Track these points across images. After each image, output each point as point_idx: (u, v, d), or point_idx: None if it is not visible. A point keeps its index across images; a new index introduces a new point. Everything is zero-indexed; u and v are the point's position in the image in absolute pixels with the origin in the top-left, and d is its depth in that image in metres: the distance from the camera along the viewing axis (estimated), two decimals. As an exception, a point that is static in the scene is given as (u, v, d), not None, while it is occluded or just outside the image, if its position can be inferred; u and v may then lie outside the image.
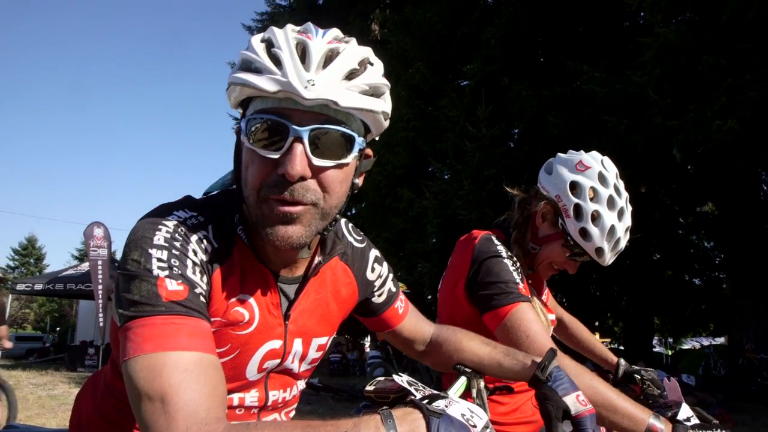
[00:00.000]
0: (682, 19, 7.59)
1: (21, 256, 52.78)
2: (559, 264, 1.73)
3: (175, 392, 0.78)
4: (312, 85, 0.87)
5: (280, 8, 20.36)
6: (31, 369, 15.48)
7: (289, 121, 0.90)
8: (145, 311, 0.85)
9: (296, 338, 1.12)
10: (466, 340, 1.34)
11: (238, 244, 1.03)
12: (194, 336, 0.85)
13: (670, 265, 13.45)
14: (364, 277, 1.28)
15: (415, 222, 11.96)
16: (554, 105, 9.40)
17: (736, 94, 6.50)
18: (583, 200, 1.61)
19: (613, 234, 1.60)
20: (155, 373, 0.80)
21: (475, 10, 11.68)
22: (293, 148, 0.89)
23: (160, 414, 0.77)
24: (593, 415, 1.07)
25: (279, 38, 0.93)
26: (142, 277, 0.87)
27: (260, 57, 0.92)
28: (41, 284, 17.75)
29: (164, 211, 0.99)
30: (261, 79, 0.89)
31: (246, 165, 0.96)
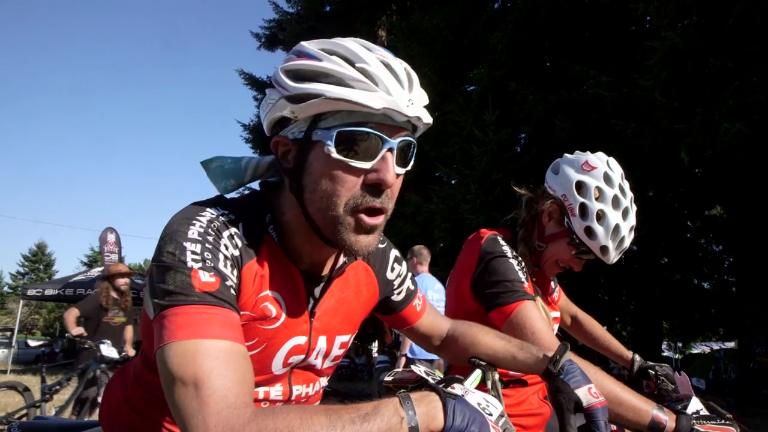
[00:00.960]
0: (689, 23, 7.61)
1: (31, 263, 53.08)
2: (565, 262, 1.77)
3: (207, 377, 0.82)
4: (411, 104, 0.96)
5: (287, 15, 20.44)
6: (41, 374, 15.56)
7: (383, 133, 0.96)
8: (179, 300, 0.89)
9: (321, 335, 1.16)
10: (481, 334, 1.38)
11: (268, 243, 1.07)
12: (225, 326, 0.89)
13: (679, 269, 13.40)
14: (385, 276, 1.33)
15: (423, 227, 11.98)
16: (561, 109, 9.42)
17: (743, 97, 6.50)
18: (589, 199, 1.66)
19: (617, 233, 1.65)
20: (188, 359, 0.84)
21: (482, 16, 11.73)
22: (386, 158, 0.96)
23: (193, 398, 0.81)
24: (605, 407, 1.10)
25: (358, 53, 0.97)
26: (177, 269, 0.91)
27: (347, 70, 0.95)
28: (52, 290, 17.88)
29: (198, 208, 1.03)
30: (367, 96, 0.93)
31: (326, 176, 0.98)
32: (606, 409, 1.10)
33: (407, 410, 0.82)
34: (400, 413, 0.82)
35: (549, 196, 1.76)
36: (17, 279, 51.75)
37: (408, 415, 0.82)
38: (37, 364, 22.83)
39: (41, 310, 50.37)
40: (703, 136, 6.87)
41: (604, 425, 1.06)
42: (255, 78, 20.56)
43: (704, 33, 7.11)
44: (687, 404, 1.51)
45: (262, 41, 21.20)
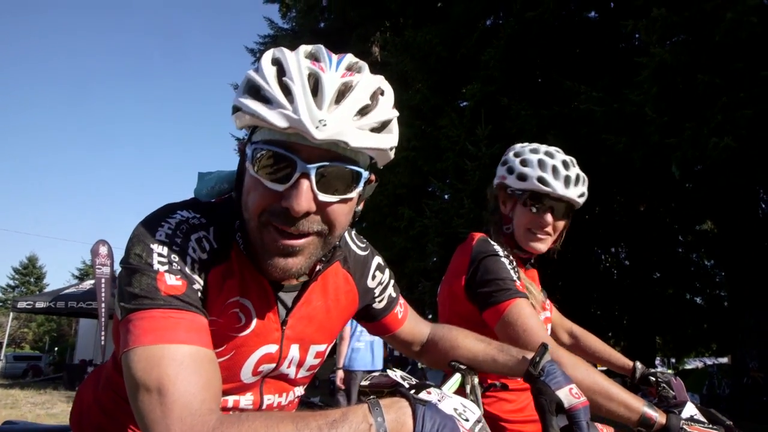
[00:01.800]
0: (677, 40, 7.72)
1: (21, 275, 52.63)
2: (533, 225, 1.82)
3: (171, 384, 0.81)
4: (323, 126, 0.86)
5: (282, 31, 20.58)
6: (29, 388, 15.37)
7: (297, 156, 0.89)
8: (144, 304, 0.88)
9: (293, 344, 1.13)
10: (461, 337, 1.37)
11: (236, 249, 1.04)
12: (191, 330, 0.88)
13: (671, 284, 13.44)
14: (365, 285, 1.30)
15: (416, 241, 11.98)
16: (553, 124, 9.50)
17: (731, 112, 6.59)
18: (512, 163, 1.85)
19: (544, 165, 1.77)
20: (153, 365, 0.82)
21: (474, 33, 11.85)
22: (299, 184, 0.89)
23: (156, 405, 0.80)
24: (587, 407, 1.09)
25: (291, 66, 0.92)
26: (143, 271, 0.90)
27: (270, 86, 0.91)
28: (42, 302, 17.73)
29: (168, 210, 1.02)
30: (271, 114, 0.88)
31: (248, 190, 0.96)
32: (587, 409, 1.09)
33: (376, 417, 0.81)
34: (368, 420, 0.80)
35: (493, 189, 1.94)
36: (7, 292, 51.26)
37: (377, 422, 0.80)
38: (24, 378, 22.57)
39: (31, 324, 49.83)
40: (692, 151, 6.94)
41: (586, 425, 1.06)
42: (250, 92, 20.66)
43: (692, 50, 7.21)
44: (682, 409, 1.52)
45: (257, 57, 21.31)
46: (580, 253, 11.97)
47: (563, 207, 1.81)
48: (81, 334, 24.12)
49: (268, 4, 21.17)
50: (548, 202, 1.79)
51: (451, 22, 12.30)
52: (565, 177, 1.76)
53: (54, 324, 48.36)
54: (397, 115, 1.00)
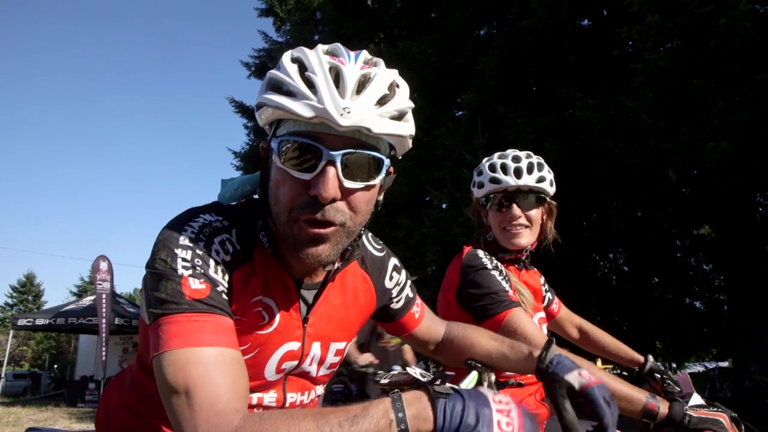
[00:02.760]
0: (671, 46, 7.79)
1: (19, 293, 52.40)
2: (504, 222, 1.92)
3: (197, 386, 0.85)
4: (348, 113, 0.91)
5: (276, 44, 20.70)
6: (31, 405, 15.29)
7: (322, 145, 0.93)
8: (170, 309, 0.92)
9: (315, 341, 1.17)
10: (475, 335, 1.41)
11: (260, 249, 1.08)
12: (216, 332, 0.92)
13: (670, 289, 13.44)
14: (383, 285, 1.34)
15: (415, 250, 11.99)
16: (549, 131, 9.54)
17: (727, 117, 6.63)
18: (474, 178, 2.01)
19: (495, 167, 1.91)
20: (179, 368, 0.86)
21: (469, 42, 11.93)
22: (326, 171, 0.93)
23: (185, 406, 0.84)
24: (602, 385, 1.08)
25: (312, 61, 0.96)
26: (168, 276, 0.94)
27: (294, 80, 0.94)
28: (43, 319, 17.66)
29: (191, 214, 1.05)
30: (297, 104, 0.92)
31: (277, 183, 0.99)
32: (603, 386, 1.08)
33: (397, 412, 0.81)
34: (389, 415, 0.81)
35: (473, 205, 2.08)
36: (5, 310, 51.02)
37: (398, 417, 0.81)
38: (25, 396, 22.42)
39: (30, 342, 49.54)
40: (689, 155, 6.98)
41: (603, 401, 1.04)
42: (245, 106, 20.73)
43: (686, 55, 7.27)
44: (688, 400, 1.55)
45: (252, 70, 21.44)
46: (578, 259, 11.97)
47: (529, 198, 1.90)
48: (81, 350, 24.00)
49: (263, 17, 21.33)
50: (509, 197, 1.89)
51: (445, 32, 12.37)
52: (515, 169, 1.87)
53: (53, 341, 48.11)
54: (413, 106, 1.05)
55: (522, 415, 0.81)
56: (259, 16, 21.33)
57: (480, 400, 0.81)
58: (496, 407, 0.81)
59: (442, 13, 12.79)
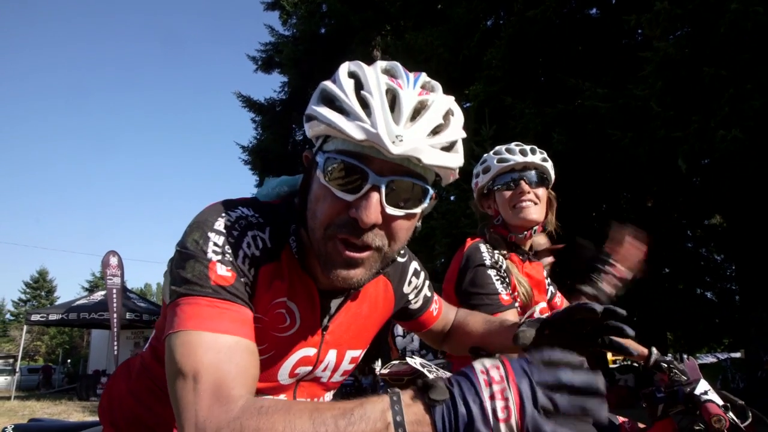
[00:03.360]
0: (681, 33, 7.70)
1: (33, 289, 52.94)
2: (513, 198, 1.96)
3: (205, 371, 0.83)
4: (400, 141, 0.88)
5: (283, 38, 20.66)
6: (45, 399, 15.49)
7: (369, 168, 0.90)
8: (194, 290, 0.91)
9: (331, 349, 1.15)
10: (473, 321, 1.43)
11: (288, 252, 1.06)
12: (235, 321, 0.91)
13: (681, 279, 13.35)
14: (401, 291, 1.33)
15: (424, 242, 11.98)
16: (558, 122, 9.49)
17: (738, 104, 6.55)
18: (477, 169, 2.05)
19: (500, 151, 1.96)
20: (191, 350, 0.85)
21: (476, 33, 11.87)
22: (370, 196, 0.90)
23: (190, 390, 0.83)
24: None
25: (370, 80, 0.93)
26: (197, 258, 0.93)
27: (349, 98, 0.92)
28: (55, 314, 17.85)
29: (230, 204, 1.04)
30: (349, 125, 0.89)
31: (317, 198, 0.97)
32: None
33: (395, 415, 0.77)
34: (387, 417, 0.77)
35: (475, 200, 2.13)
36: (19, 306, 51.59)
37: (395, 421, 0.76)
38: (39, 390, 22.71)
39: (43, 337, 50.12)
40: (699, 144, 6.91)
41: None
42: (253, 100, 20.72)
43: (696, 42, 7.19)
44: (695, 386, 1.55)
45: (259, 64, 21.42)
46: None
47: (534, 175, 1.96)
48: (93, 345, 24.24)
49: (269, 11, 21.28)
50: (517, 176, 1.94)
51: (452, 23, 12.31)
52: (520, 150, 1.95)
53: (66, 336, 48.61)
54: (465, 136, 1.01)
55: (519, 393, 0.75)
56: (265, 9, 21.32)
57: (471, 393, 0.76)
58: (487, 393, 0.75)
59: (448, 4, 12.71)
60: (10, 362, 28.04)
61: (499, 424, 0.73)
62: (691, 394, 1.58)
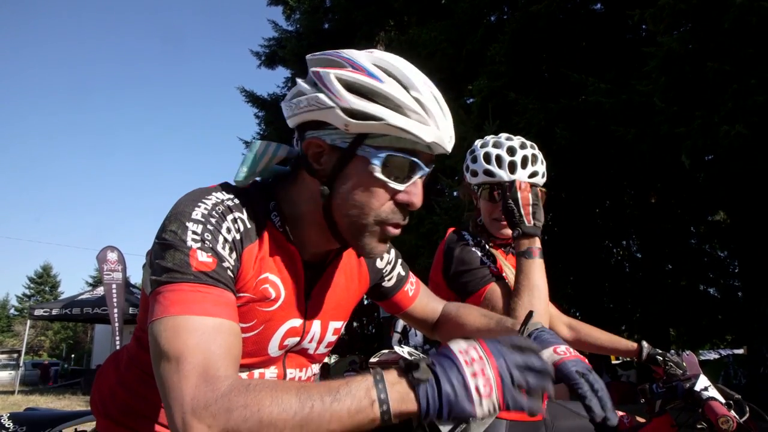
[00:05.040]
0: (685, 29, 7.66)
1: (36, 284, 53.18)
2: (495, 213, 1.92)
3: (190, 353, 0.85)
4: (451, 140, 1.04)
5: (286, 33, 20.62)
6: (48, 394, 15.56)
7: (420, 160, 1.03)
8: (175, 278, 0.93)
9: (315, 319, 1.20)
10: (466, 313, 1.44)
11: (270, 228, 1.11)
12: (218, 304, 0.93)
13: (684, 276, 13.33)
14: (374, 265, 1.39)
15: (427, 238, 11.98)
16: (561, 117, 9.46)
17: (742, 99, 6.52)
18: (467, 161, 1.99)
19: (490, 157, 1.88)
20: (176, 334, 0.87)
21: (479, 28, 11.83)
22: (418, 183, 1.05)
23: (174, 372, 0.84)
24: (576, 359, 1.08)
25: (414, 81, 1.02)
26: (177, 247, 0.95)
27: (404, 98, 1.00)
28: (58, 309, 17.92)
29: (205, 191, 1.08)
30: (419, 128, 0.99)
31: (362, 188, 1.03)
32: (578, 361, 1.08)
33: (379, 393, 0.80)
34: (371, 395, 0.80)
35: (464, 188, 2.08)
36: (23, 301, 51.81)
37: (380, 398, 0.80)
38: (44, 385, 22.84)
39: (47, 332, 50.35)
40: (703, 139, 6.88)
41: (577, 374, 1.04)
42: (256, 95, 20.71)
43: (700, 37, 7.15)
44: (695, 382, 1.55)
45: (263, 59, 21.38)
46: (591, 246, 11.91)
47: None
48: (97, 339, 24.37)
49: (272, 6, 21.21)
50: (496, 197, 1.89)
51: (455, 18, 12.27)
52: (509, 163, 1.84)
53: (70, 331, 48.86)
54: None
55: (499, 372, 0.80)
56: (268, 4, 21.23)
57: (453, 372, 0.80)
58: (469, 372, 0.80)
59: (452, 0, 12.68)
60: (14, 357, 28.20)
61: (482, 400, 0.78)
62: (691, 390, 1.57)
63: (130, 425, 1.21)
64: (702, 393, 1.53)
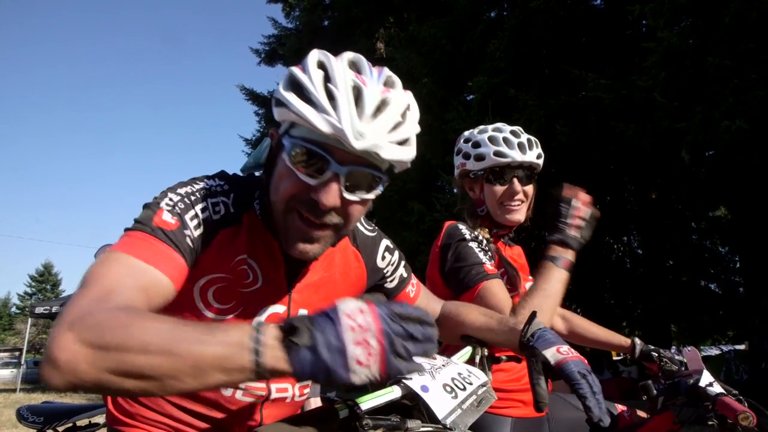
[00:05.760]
0: (685, 24, 7.64)
1: (38, 283, 53.19)
2: (504, 197, 1.91)
3: (104, 278, 0.90)
4: (362, 137, 0.97)
5: (286, 30, 20.60)
6: (50, 392, 15.54)
7: (331, 157, 1.00)
8: (136, 227, 1.01)
9: (301, 309, 1.23)
10: (466, 312, 1.44)
11: (251, 215, 1.17)
12: (159, 256, 0.98)
13: (685, 271, 13.33)
14: (375, 264, 1.40)
15: (427, 235, 11.96)
16: (561, 113, 9.44)
17: (742, 94, 6.50)
18: (466, 149, 1.97)
19: (497, 140, 1.88)
20: (103, 263, 0.93)
21: (479, 25, 11.79)
22: (330, 182, 1.01)
23: (79, 291, 0.87)
24: (577, 360, 1.10)
25: (337, 74, 1.01)
26: (150, 207, 1.05)
27: (316, 89, 0.99)
28: (58, 307, 17.93)
29: (199, 178, 1.17)
30: (316, 117, 0.97)
31: (281, 176, 1.07)
32: (579, 362, 1.10)
33: (255, 342, 0.76)
34: (245, 344, 0.76)
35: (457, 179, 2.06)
36: (25, 299, 51.83)
37: (255, 352, 0.75)
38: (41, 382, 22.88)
39: (49, 330, 50.33)
40: (704, 135, 6.87)
41: (578, 375, 1.07)
42: (256, 93, 20.70)
43: (700, 32, 7.14)
44: (699, 378, 1.54)
45: (262, 57, 21.37)
46: (592, 242, 11.81)
47: (526, 172, 1.91)
48: (98, 338, 24.32)
49: (272, 3, 21.20)
50: (511, 172, 1.89)
51: (455, 15, 12.23)
52: (518, 144, 1.87)
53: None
54: (419, 130, 1.10)
55: (383, 336, 0.76)
56: (268, 2, 21.21)
57: (334, 337, 0.75)
58: (351, 338, 0.75)
59: (451, -4, 12.64)
60: (15, 355, 28.24)
61: (360, 368, 0.75)
62: (695, 386, 1.56)
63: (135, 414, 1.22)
64: (708, 389, 1.52)
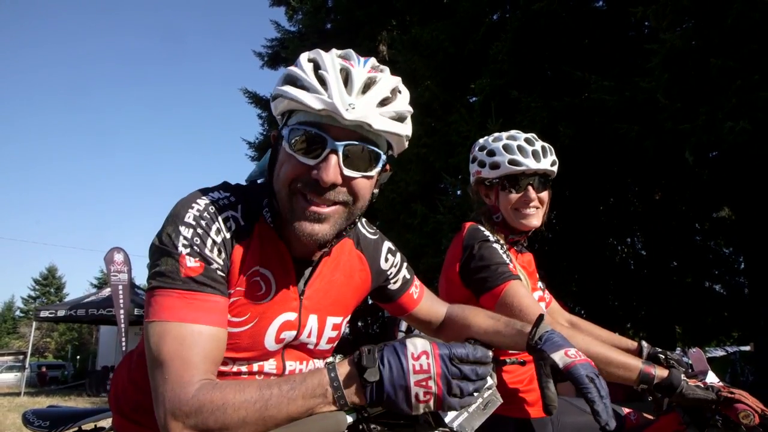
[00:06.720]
0: (688, 26, 7.63)
1: (42, 286, 53.37)
2: (519, 204, 1.95)
3: (170, 359, 0.98)
4: (352, 108, 1.03)
5: (289, 33, 20.64)
6: (54, 395, 15.62)
7: (327, 135, 1.05)
8: (166, 283, 1.04)
9: (311, 314, 1.25)
10: (473, 315, 1.46)
11: (262, 224, 1.19)
12: (200, 310, 1.03)
13: (689, 273, 13.28)
14: (378, 266, 1.43)
15: (431, 237, 11.97)
16: (564, 115, 9.43)
17: (746, 95, 6.48)
18: (481, 157, 2.02)
19: (512, 149, 1.92)
20: (160, 339, 1.00)
21: (481, 27, 11.79)
22: (329, 159, 1.06)
23: (159, 377, 0.98)
24: (586, 364, 1.13)
25: (326, 61, 1.08)
26: (169, 252, 1.06)
27: (308, 76, 1.06)
28: (63, 311, 17.99)
29: (202, 192, 1.16)
30: (308, 97, 1.04)
31: (281, 164, 1.11)
32: (587, 365, 1.13)
33: (334, 389, 0.97)
34: (324, 385, 0.97)
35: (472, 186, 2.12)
36: (29, 303, 52.00)
37: (334, 387, 0.97)
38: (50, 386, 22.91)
39: (53, 333, 50.50)
40: (707, 136, 6.85)
41: (587, 379, 1.09)
42: (259, 96, 20.74)
43: (703, 34, 7.12)
44: (704, 378, 1.55)
45: (265, 60, 21.41)
46: (596, 244, 11.87)
47: (540, 180, 1.95)
48: (102, 341, 24.45)
49: (275, 6, 21.25)
50: (525, 180, 1.93)
51: (457, 17, 12.24)
52: (533, 152, 1.91)
53: (75, 333, 48.98)
54: (411, 111, 1.16)
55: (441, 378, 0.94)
56: (271, 5, 21.25)
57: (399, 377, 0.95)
58: (414, 379, 0.95)
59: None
60: (20, 359, 28.29)
61: (419, 405, 0.95)
62: None
63: (139, 421, 1.26)
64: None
